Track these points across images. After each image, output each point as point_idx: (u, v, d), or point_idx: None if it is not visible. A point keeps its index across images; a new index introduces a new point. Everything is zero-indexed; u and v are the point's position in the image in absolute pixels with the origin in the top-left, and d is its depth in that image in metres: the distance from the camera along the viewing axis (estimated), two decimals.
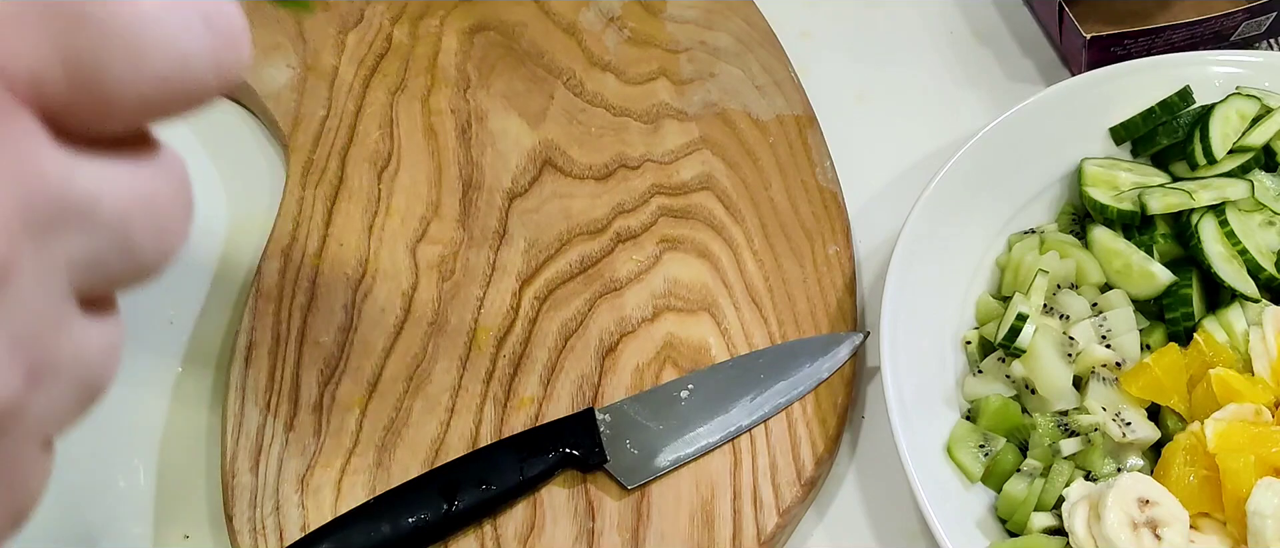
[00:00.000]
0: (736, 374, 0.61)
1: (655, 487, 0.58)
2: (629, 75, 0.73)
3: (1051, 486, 0.56)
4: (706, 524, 0.57)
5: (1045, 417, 0.58)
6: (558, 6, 0.76)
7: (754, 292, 0.65)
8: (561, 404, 0.61)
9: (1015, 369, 0.59)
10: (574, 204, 0.68)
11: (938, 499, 0.55)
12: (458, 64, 0.74)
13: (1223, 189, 0.62)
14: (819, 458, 0.59)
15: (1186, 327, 0.60)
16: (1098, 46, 0.69)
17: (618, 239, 0.67)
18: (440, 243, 0.67)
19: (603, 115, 0.72)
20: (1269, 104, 0.65)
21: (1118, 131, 0.67)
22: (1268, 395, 0.57)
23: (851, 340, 0.62)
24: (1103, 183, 0.65)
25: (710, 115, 0.71)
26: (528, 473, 0.57)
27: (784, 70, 0.73)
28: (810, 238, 0.66)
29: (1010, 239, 0.65)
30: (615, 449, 0.58)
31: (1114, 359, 0.59)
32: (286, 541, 0.56)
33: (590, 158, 0.70)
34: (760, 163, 0.69)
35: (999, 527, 0.57)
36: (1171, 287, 0.60)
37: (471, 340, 0.63)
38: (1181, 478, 0.55)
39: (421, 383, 0.62)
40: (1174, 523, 0.53)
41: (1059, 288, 0.62)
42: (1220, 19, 0.70)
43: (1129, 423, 0.57)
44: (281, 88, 0.72)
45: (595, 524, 0.57)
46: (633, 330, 0.63)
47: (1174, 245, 0.62)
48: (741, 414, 0.60)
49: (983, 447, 0.58)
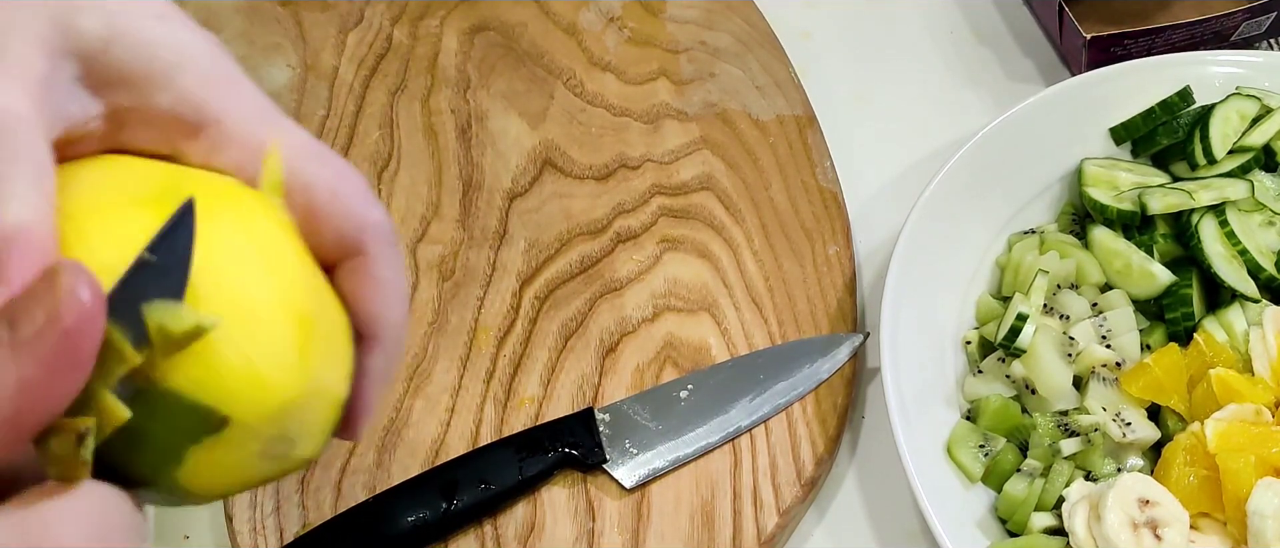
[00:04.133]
0: (736, 374, 0.61)
1: (655, 487, 0.58)
2: (629, 75, 0.73)
3: (1051, 486, 0.56)
4: (706, 524, 0.57)
5: (1045, 417, 0.58)
6: (558, 6, 0.76)
7: (754, 292, 0.65)
8: (561, 404, 0.61)
9: (1015, 369, 0.59)
10: (574, 204, 0.68)
11: (938, 499, 0.55)
12: (458, 64, 0.74)
13: (1223, 189, 0.62)
14: (819, 458, 0.59)
15: (1186, 327, 0.60)
16: (1098, 46, 0.69)
17: (618, 239, 0.67)
18: (440, 243, 0.67)
19: (603, 115, 0.72)
20: (1269, 104, 0.65)
21: (1118, 131, 0.67)
22: (1268, 396, 0.57)
23: (851, 341, 0.62)
24: (1103, 183, 0.64)
25: (710, 115, 0.71)
26: (527, 472, 0.57)
27: (784, 70, 0.73)
28: (810, 238, 0.66)
29: (1010, 239, 0.65)
30: (615, 449, 0.58)
31: (1114, 359, 0.59)
32: (286, 540, 0.56)
33: (590, 158, 0.70)
34: (760, 163, 0.69)
35: (999, 527, 0.57)
36: (1171, 287, 0.60)
37: (471, 340, 0.63)
38: (1181, 478, 0.55)
39: (421, 383, 0.62)
40: (1174, 523, 0.53)
41: (1059, 288, 0.62)
42: (1220, 19, 0.70)
43: (1129, 423, 0.57)
44: (281, 88, 0.72)
45: (595, 524, 0.57)
46: (633, 330, 0.63)
47: (1174, 245, 0.62)
48: (741, 414, 0.60)
49: (983, 447, 0.58)
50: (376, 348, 0.37)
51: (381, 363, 0.37)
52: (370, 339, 0.37)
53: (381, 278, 0.37)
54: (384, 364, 0.37)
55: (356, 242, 0.36)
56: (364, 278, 0.36)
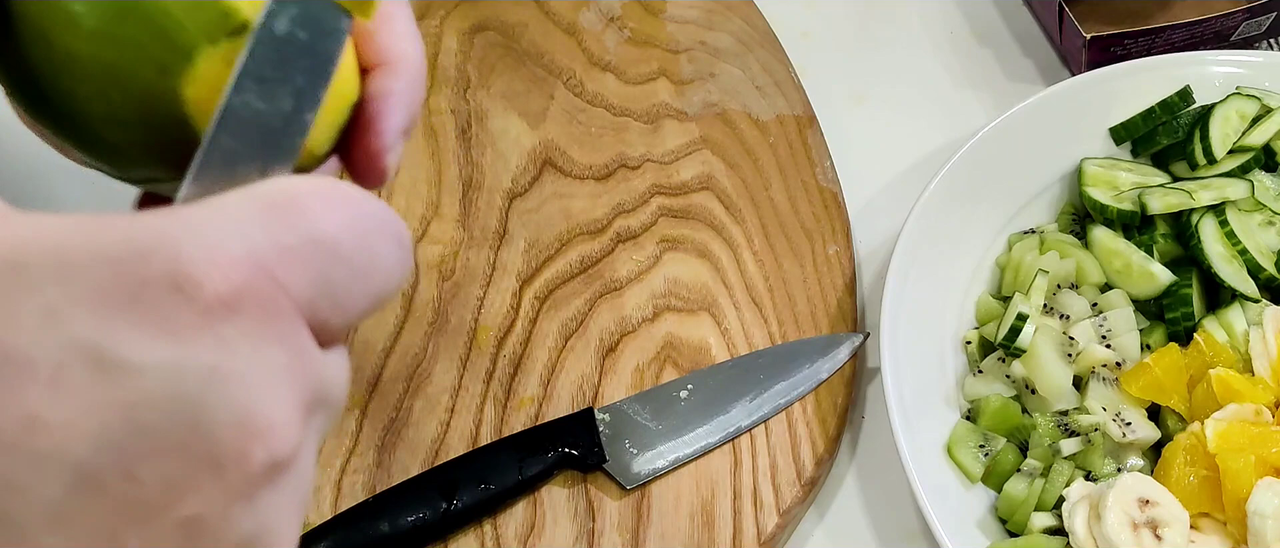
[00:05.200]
0: (736, 374, 0.61)
1: (655, 487, 0.58)
2: (629, 75, 0.73)
3: (1051, 486, 0.56)
4: (706, 524, 0.57)
5: (1045, 417, 0.58)
6: (558, 6, 0.76)
7: (754, 292, 0.65)
8: (561, 404, 0.61)
9: (1015, 369, 0.59)
10: (574, 204, 0.68)
11: (938, 499, 0.55)
12: (458, 64, 0.74)
13: (1223, 189, 0.62)
14: (819, 458, 0.59)
15: (1186, 327, 0.60)
16: (1098, 46, 0.69)
17: (618, 239, 0.67)
18: (440, 243, 0.67)
19: (603, 115, 0.72)
20: (1269, 104, 0.65)
21: (1118, 131, 0.67)
22: (1268, 395, 0.57)
23: (851, 341, 0.62)
24: (1103, 183, 0.65)
25: (710, 115, 0.71)
26: (527, 473, 0.57)
27: (784, 70, 0.73)
28: (810, 238, 0.66)
29: (1010, 239, 0.65)
30: (615, 449, 0.58)
31: (1114, 359, 0.59)
32: None
33: (590, 158, 0.70)
34: (760, 163, 0.69)
35: (999, 527, 0.57)
36: (1171, 287, 0.60)
37: (471, 340, 0.63)
38: (1182, 478, 0.55)
39: (421, 383, 0.62)
40: (1174, 523, 0.53)
41: (1059, 288, 0.62)
42: (1220, 19, 0.70)
43: (1129, 423, 0.57)
44: None
45: (595, 524, 0.57)
46: (633, 330, 0.63)
47: (1174, 245, 0.62)
48: (741, 414, 0.60)
49: (983, 447, 0.58)
50: (388, 71, 0.38)
51: (394, 84, 0.38)
52: (382, 65, 0.38)
53: (388, 11, 0.38)
54: (398, 86, 0.38)
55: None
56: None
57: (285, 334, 0.26)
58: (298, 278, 0.26)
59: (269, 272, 0.26)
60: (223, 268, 0.25)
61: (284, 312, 0.26)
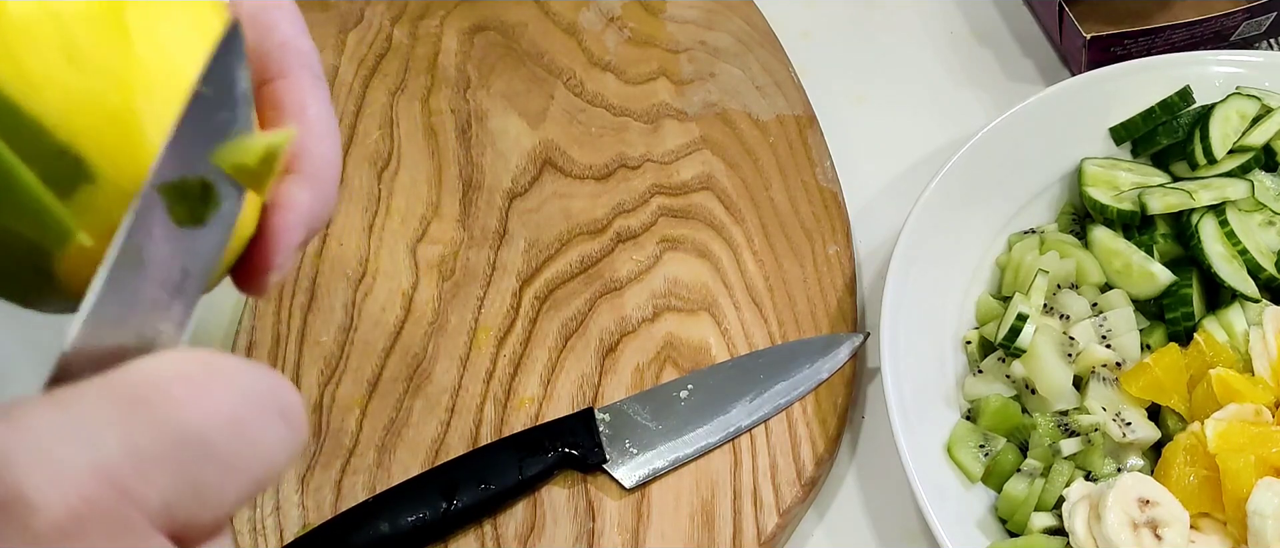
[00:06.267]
0: (736, 374, 0.61)
1: (655, 487, 0.58)
2: (629, 75, 0.73)
3: (1051, 486, 0.56)
4: (706, 524, 0.57)
5: (1045, 417, 0.58)
6: (558, 6, 0.76)
7: (754, 292, 0.65)
8: (561, 404, 0.61)
9: (1015, 369, 0.59)
10: (574, 204, 0.68)
11: (938, 499, 0.55)
12: (458, 64, 0.74)
13: (1223, 189, 0.62)
14: (819, 458, 0.59)
15: (1186, 327, 0.60)
16: (1098, 46, 0.69)
17: (618, 239, 0.67)
18: (440, 243, 0.67)
19: (603, 115, 0.72)
20: (1269, 104, 0.65)
21: (1118, 131, 0.67)
22: (1268, 395, 0.57)
23: (851, 341, 0.62)
24: (1103, 183, 0.65)
25: (710, 115, 0.71)
26: (527, 472, 0.57)
27: (784, 70, 0.73)
28: (810, 238, 0.66)
29: (1010, 239, 0.65)
30: (615, 449, 0.58)
31: (1114, 359, 0.59)
32: (286, 540, 0.56)
33: (590, 158, 0.70)
34: (760, 163, 0.69)
35: (999, 527, 0.57)
36: (1171, 287, 0.60)
37: (471, 340, 0.63)
38: (1182, 478, 0.55)
39: (421, 383, 0.62)
40: (1174, 523, 0.53)
41: (1059, 288, 0.62)
42: (1220, 19, 0.70)
43: (1129, 423, 0.57)
44: None
45: (595, 524, 0.57)
46: (633, 330, 0.63)
47: (1174, 245, 0.62)
48: (741, 414, 0.60)
49: (983, 447, 0.58)
50: (297, 180, 0.34)
51: (299, 196, 0.34)
52: (291, 173, 0.35)
53: (301, 103, 0.35)
54: (303, 199, 0.34)
55: (278, 63, 0.35)
56: (283, 100, 0.35)
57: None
58: (154, 485, 0.24)
59: (118, 485, 0.24)
60: (61, 488, 0.23)
61: (133, 528, 0.24)
